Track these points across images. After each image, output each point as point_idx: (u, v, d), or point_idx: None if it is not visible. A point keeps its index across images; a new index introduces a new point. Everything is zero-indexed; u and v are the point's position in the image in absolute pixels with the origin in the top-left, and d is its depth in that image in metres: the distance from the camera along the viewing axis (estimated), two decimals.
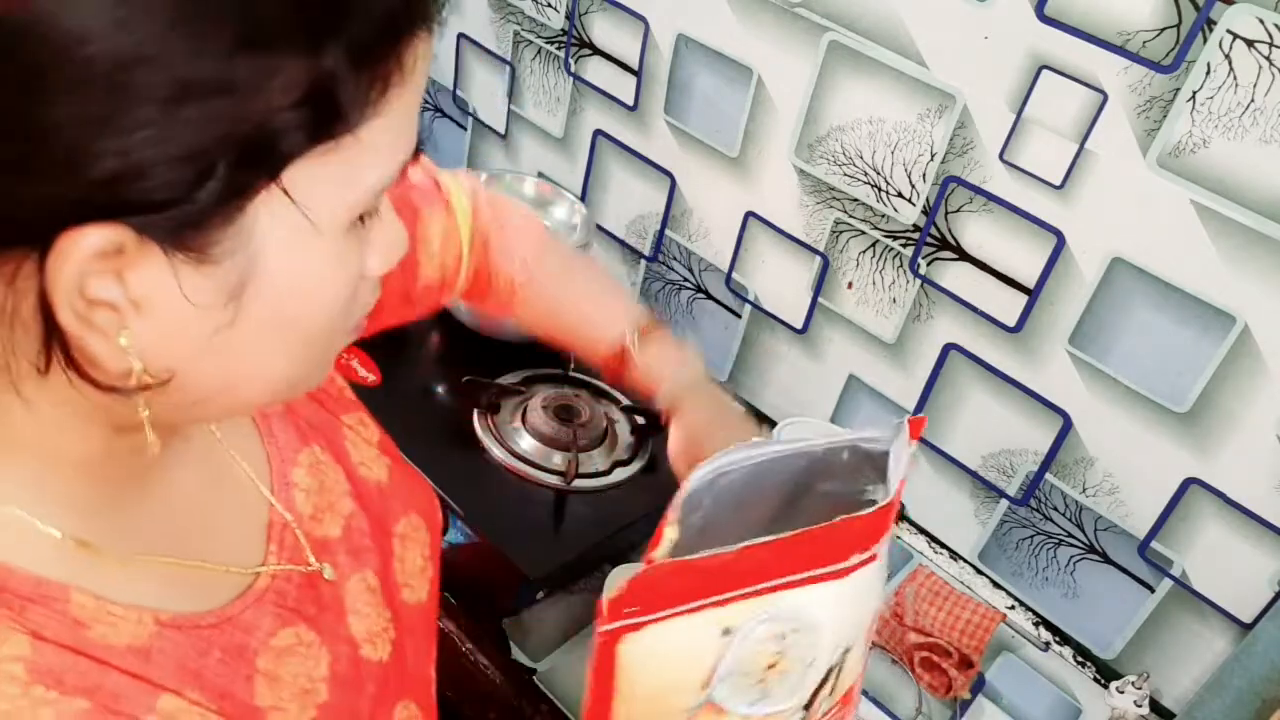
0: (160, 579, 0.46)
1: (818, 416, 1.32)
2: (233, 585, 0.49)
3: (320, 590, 0.53)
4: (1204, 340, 0.98)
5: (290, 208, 0.37)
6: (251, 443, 0.56)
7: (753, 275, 1.34)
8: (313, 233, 0.38)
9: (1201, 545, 1.05)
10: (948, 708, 1.06)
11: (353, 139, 0.37)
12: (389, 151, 0.40)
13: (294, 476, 0.56)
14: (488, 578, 0.99)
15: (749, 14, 1.20)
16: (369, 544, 0.58)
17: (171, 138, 0.33)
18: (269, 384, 0.43)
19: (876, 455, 0.51)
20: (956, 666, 1.07)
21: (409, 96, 0.39)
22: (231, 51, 0.33)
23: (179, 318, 0.37)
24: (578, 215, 1.31)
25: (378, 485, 0.62)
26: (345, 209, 0.39)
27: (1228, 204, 0.93)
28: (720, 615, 0.44)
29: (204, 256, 0.36)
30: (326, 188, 0.38)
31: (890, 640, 1.09)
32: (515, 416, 1.14)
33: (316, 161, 0.37)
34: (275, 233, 0.37)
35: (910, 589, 1.17)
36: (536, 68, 1.49)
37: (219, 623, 0.46)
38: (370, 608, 0.56)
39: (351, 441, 0.62)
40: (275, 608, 0.50)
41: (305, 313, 0.41)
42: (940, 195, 1.11)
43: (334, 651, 0.52)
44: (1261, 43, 0.87)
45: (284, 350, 0.42)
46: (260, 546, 0.52)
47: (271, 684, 0.47)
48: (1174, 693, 1.12)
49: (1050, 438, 1.12)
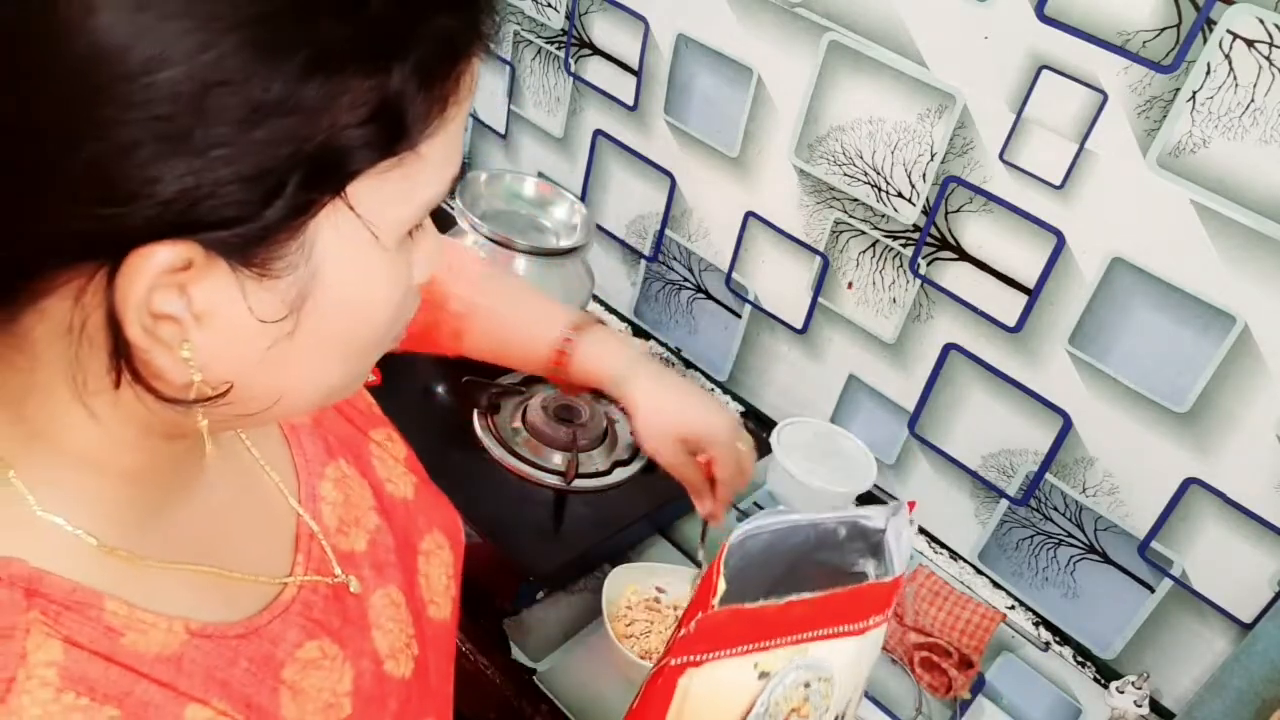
0: (192, 587, 0.46)
1: (818, 416, 1.32)
2: (261, 595, 0.49)
3: (345, 604, 0.54)
4: (1204, 340, 0.98)
5: (353, 222, 0.38)
6: (280, 454, 0.56)
7: (753, 275, 1.34)
8: (374, 246, 0.40)
9: (1201, 545, 1.05)
10: (948, 708, 1.06)
11: (414, 155, 0.39)
12: (444, 167, 0.41)
13: (321, 489, 0.57)
14: (488, 578, 0.99)
15: (749, 14, 1.20)
16: (393, 560, 0.59)
17: (243, 158, 0.34)
18: (317, 392, 0.44)
19: (870, 531, 0.56)
20: (956, 666, 1.07)
21: (462, 114, 0.41)
22: (303, 73, 0.34)
23: (240, 330, 0.38)
24: (578, 215, 1.31)
25: (404, 502, 0.63)
26: (402, 223, 0.41)
27: (1228, 204, 0.93)
28: (760, 659, 0.50)
29: (267, 271, 0.37)
30: (388, 203, 0.39)
31: (890, 640, 1.09)
32: (515, 416, 1.14)
33: (379, 178, 0.38)
34: (336, 247, 0.38)
35: (910, 589, 1.17)
36: (536, 68, 1.49)
37: (247, 633, 0.47)
38: (394, 623, 0.56)
39: (378, 458, 0.63)
40: (302, 619, 0.50)
41: (360, 324, 0.42)
42: (940, 195, 1.11)
43: (357, 666, 0.52)
44: (1261, 43, 0.87)
45: (336, 360, 0.43)
46: (288, 557, 0.53)
47: (296, 696, 0.47)
48: (1174, 693, 1.12)
49: (1050, 438, 1.12)
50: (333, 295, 0.40)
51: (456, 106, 0.40)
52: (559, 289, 1.23)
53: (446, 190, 0.42)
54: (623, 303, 1.52)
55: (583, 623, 1.02)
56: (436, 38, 0.37)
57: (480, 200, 1.29)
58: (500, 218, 1.29)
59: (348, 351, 0.43)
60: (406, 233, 0.42)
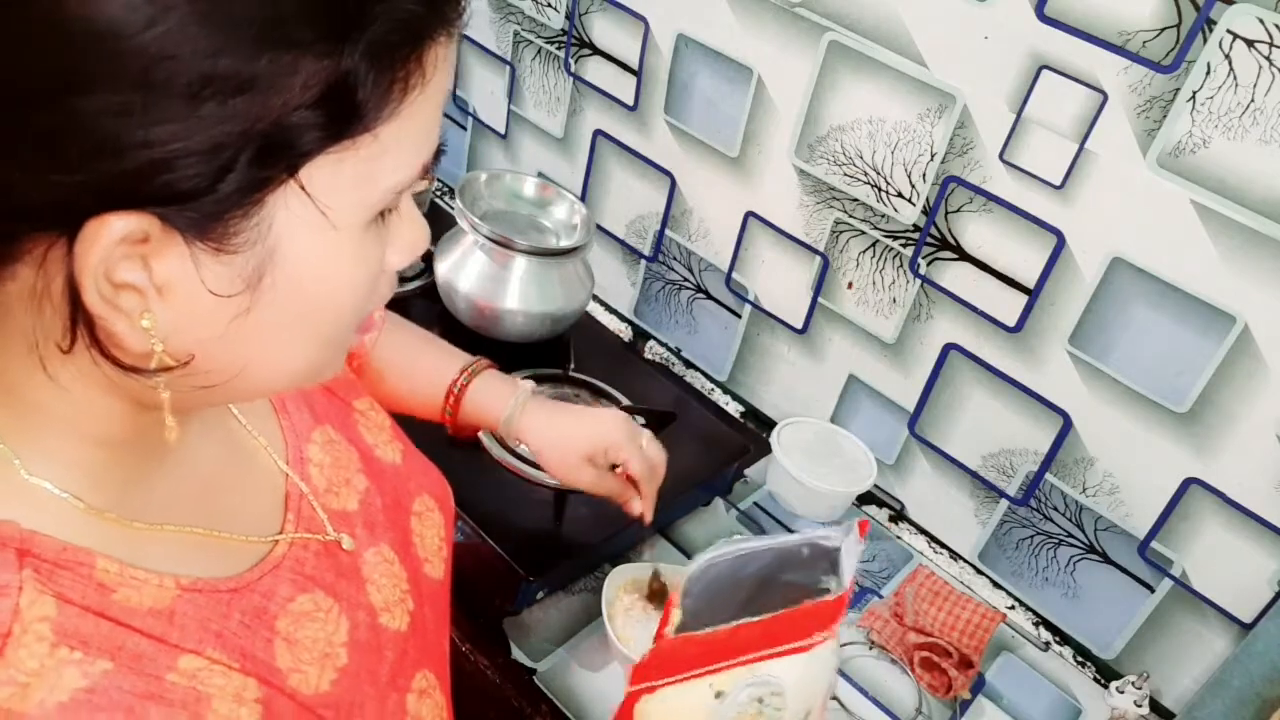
0: (182, 547, 0.47)
1: (818, 416, 1.33)
2: (252, 553, 0.51)
3: (339, 559, 0.55)
4: (1204, 340, 0.98)
5: (308, 204, 0.39)
6: (267, 420, 0.58)
7: (753, 275, 1.34)
8: (330, 229, 0.40)
9: (1201, 545, 1.05)
10: (948, 708, 1.06)
11: (371, 139, 0.39)
12: (409, 153, 0.41)
13: (308, 452, 0.58)
14: (488, 578, 0.99)
15: (749, 14, 1.20)
16: (384, 519, 0.60)
17: (193, 132, 0.34)
18: (287, 372, 0.45)
19: (831, 550, 0.60)
20: (956, 666, 1.07)
21: (429, 100, 0.40)
22: (253, 49, 0.34)
23: (199, 304, 0.39)
24: (578, 215, 1.31)
25: (392, 466, 0.64)
26: (364, 207, 0.41)
27: (1228, 204, 0.93)
28: (714, 680, 0.54)
29: (224, 246, 0.37)
30: (344, 186, 0.39)
31: (890, 640, 1.09)
32: None
33: (335, 160, 0.38)
34: (293, 227, 0.39)
35: (910, 589, 1.17)
36: (536, 68, 1.49)
37: (239, 587, 0.48)
38: (387, 579, 0.58)
39: (364, 426, 0.64)
40: (293, 574, 0.51)
41: (324, 305, 0.42)
42: (940, 195, 1.11)
43: (353, 618, 0.53)
44: (1261, 43, 0.87)
45: (302, 340, 0.43)
46: (278, 516, 0.54)
47: (291, 646, 0.49)
48: (1174, 693, 1.12)
49: (1050, 438, 1.12)
50: (293, 274, 0.40)
51: (421, 91, 0.39)
52: (559, 289, 1.23)
53: (416, 176, 0.42)
54: (623, 303, 1.52)
55: (583, 623, 1.02)
56: (392, 19, 0.37)
57: (480, 200, 1.29)
58: (500, 218, 1.29)
59: (315, 332, 0.43)
60: (374, 217, 0.42)
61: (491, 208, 1.31)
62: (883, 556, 1.23)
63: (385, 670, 0.54)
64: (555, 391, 1.17)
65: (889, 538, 1.26)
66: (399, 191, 0.42)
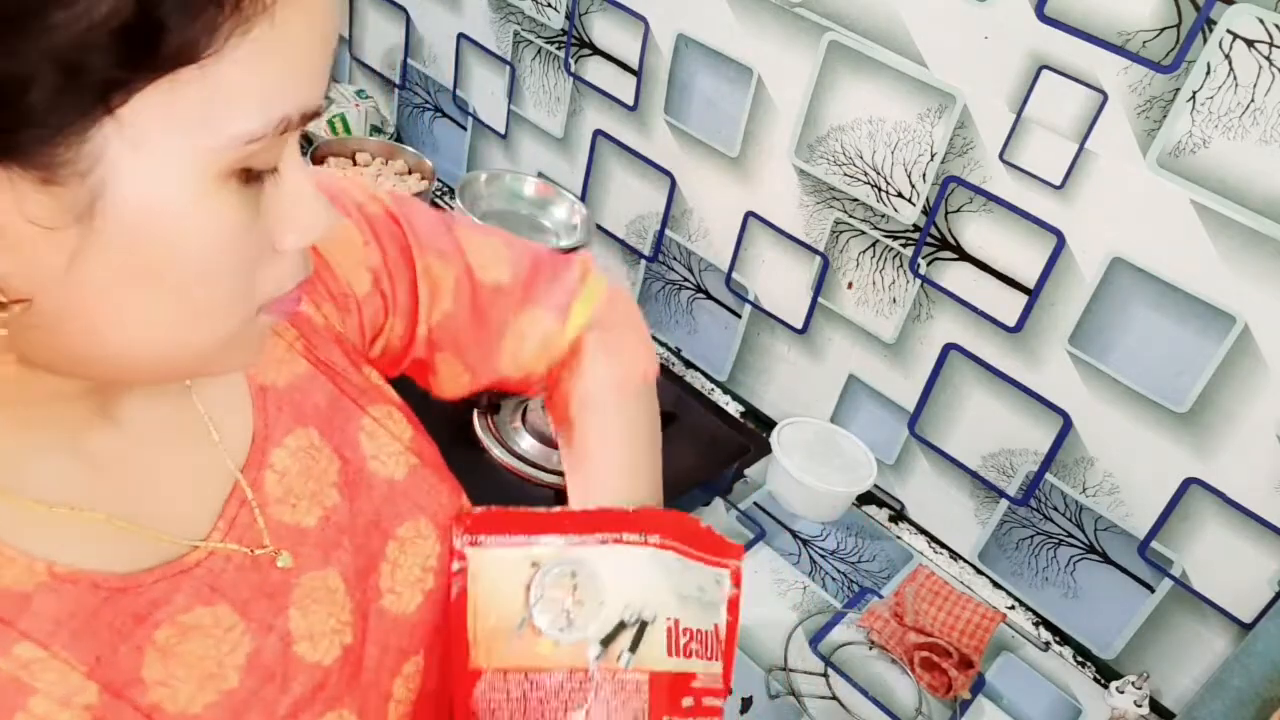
0: (75, 533, 0.45)
1: (818, 416, 1.33)
2: (159, 553, 0.48)
3: (266, 576, 0.51)
4: (1204, 340, 0.98)
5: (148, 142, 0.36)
6: (240, 416, 0.54)
7: (753, 275, 1.34)
8: (160, 170, 0.37)
9: (1201, 545, 1.05)
10: (948, 708, 1.06)
11: (200, 74, 0.36)
12: (255, 99, 0.38)
13: (272, 457, 0.54)
14: None
15: (749, 14, 1.20)
16: (346, 542, 0.56)
17: None
18: (154, 342, 0.42)
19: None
20: (956, 666, 1.08)
21: (282, 41, 0.37)
22: None
23: (28, 238, 0.36)
24: (578, 215, 1.31)
25: (388, 481, 0.60)
26: (204, 154, 0.38)
27: (1228, 204, 0.93)
28: (531, 553, 0.60)
29: (48, 176, 0.35)
30: (175, 126, 0.36)
31: (890, 640, 1.09)
32: (515, 416, 1.14)
33: (161, 95, 0.35)
34: (123, 164, 0.36)
35: (910, 589, 1.17)
36: (536, 68, 1.49)
37: (125, 587, 0.45)
38: (321, 606, 0.53)
39: (370, 433, 0.60)
40: (199, 584, 0.48)
41: (171, 261, 0.39)
42: (940, 195, 1.11)
43: (259, 641, 0.50)
44: (1261, 43, 0.87)
45: (158, 302, 0.40)
46: (209, 521, 0.51)
47: (165, 659, 0.46)
48: (1174, 693, 1.12)
49: (1050, 438, 1.12)
50: (127, 216, 0.37)
51: (266, 28, 0.36)
52: None
53: (271, 128, 0.39)
54: None
55: None
56: None
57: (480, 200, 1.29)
58: (500, 218, 1.29)
59: (173, 297, 0.40)
60: (230, 172, 0.39)
61: (492, 208, 1.31)
62: (883, 556, 1.23)
63: (286, 702, 0.50)
64: None
65: (889, 538, 1.26)
66: (248, 142, 0.38)
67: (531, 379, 0.73)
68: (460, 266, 0.69)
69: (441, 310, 0.68)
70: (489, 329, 0.70)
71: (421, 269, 0.67)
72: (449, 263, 0.68)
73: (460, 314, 0.69)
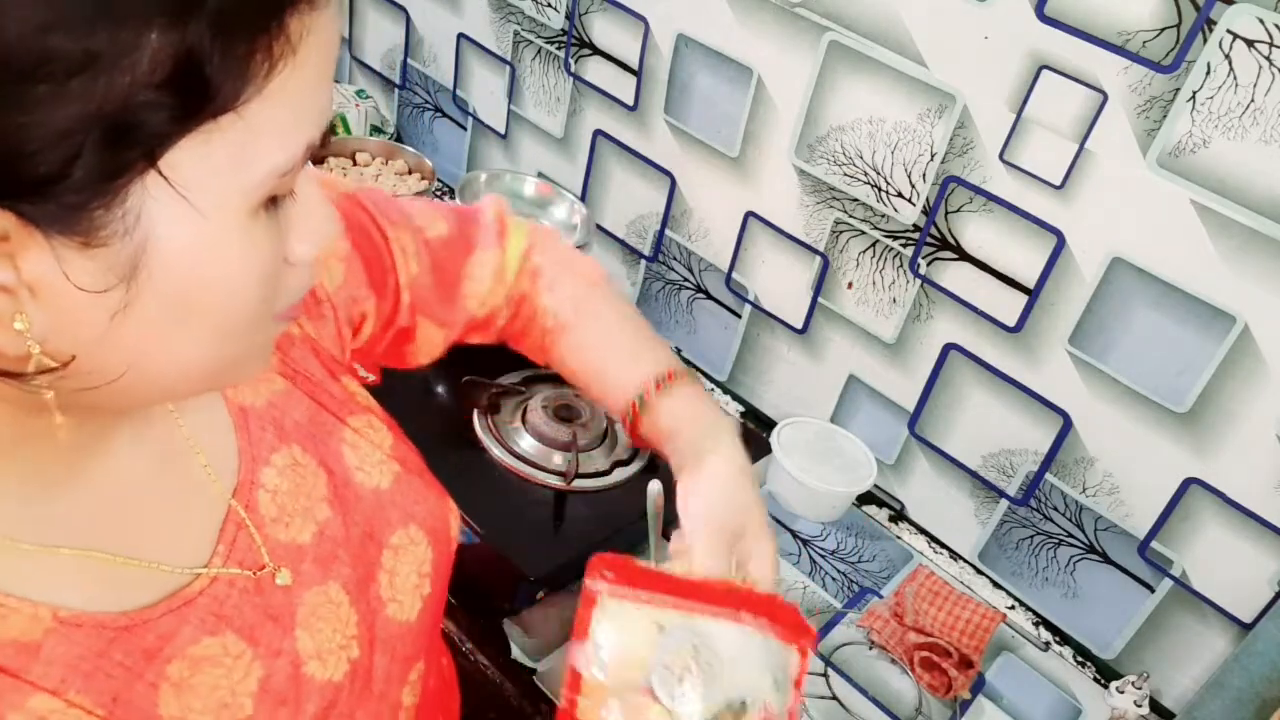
0: (77, 574, 0.44)
1: (818, 416, 1.33)
2: (161, 586, 0.47)
3: (269, 598, 0.51)
4: (1204, 340, 0.98)
5: (174, 191, 0.36)
6: (222, 438, 0.54)
7: (753, 275, 1.34)
8: (202, 218, 0.37)
9: (1201, 545, 1.05)
10: (948, 708, 1.06)
11: (237, 119, 0.36)
12: (287, 133, 0.38)
13: (262, 477, 0.54)
14: (488, 578, 0.99)
15: (749, 14, 1.20)
16: (343, 555, 0.56)
17: (35, 117, 0.32)
18: (187, 371, 0.42)
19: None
20: (956, 666, 1.07)
21: (304, 74, 0.38)
22: (88, 25, 0.32)
23: (73, 301, 0.36)
24: (578, 215, 1.31)
25: (374, 491, 0.60)
26: (241, 193, 0.38)
27: (1228, 204, 0.93)
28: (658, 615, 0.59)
29: (89, 240, 0.35)
30: (215, 171, 0.37)
31: (890, 640, 1.09)
32: (515, 416, 1.14)
33: (200, 143, 0.36)
34: (164, 216, 0.36)
35: (910, 589, 1.17)
36: (536, 68, 1.49)
37: (132, 625, 0.45)
38: (326, 623, 0.53)
39: (351, 444, 0.60)
40: (205, 613, 0.48)
41: (213, 299, 0.40)
42: (940, 195, 1.11)
43: (269, 666, 0.50)
44: (1261, 43, 0.87)
45: (194, 336, 0.40)
46: (209, 545, 0.50)
47: (180, 693, 0.45)
48: (1174, 693, 1.12)
49: (1050, 438, 1.12)
50: (170, 266, 0.37)
51: (290, 65, 0.37)
52: None
53: (299, 158, 0.39)
54: None
55: None
56: None
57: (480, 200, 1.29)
58: None
59: (207, 330, 0.40)
60: (260, 204, 0.39)
61: None
62: (883, 556, 1.23)
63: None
64: (556, 392, 1.17)
65: (889, 538, 1.26)
66: (282, 175, 0.39)
67: (496, 312, 0.78)
68: (413, 229, 0.72)
69: (409, 274, 0.71)
70: (449, 280, 0.74)
71: (393, 239, 0.69)
72: (403, 229, 0.71)
73: (423, 274, 0.72)
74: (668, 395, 0.72)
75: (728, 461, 0.68)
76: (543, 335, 0.78)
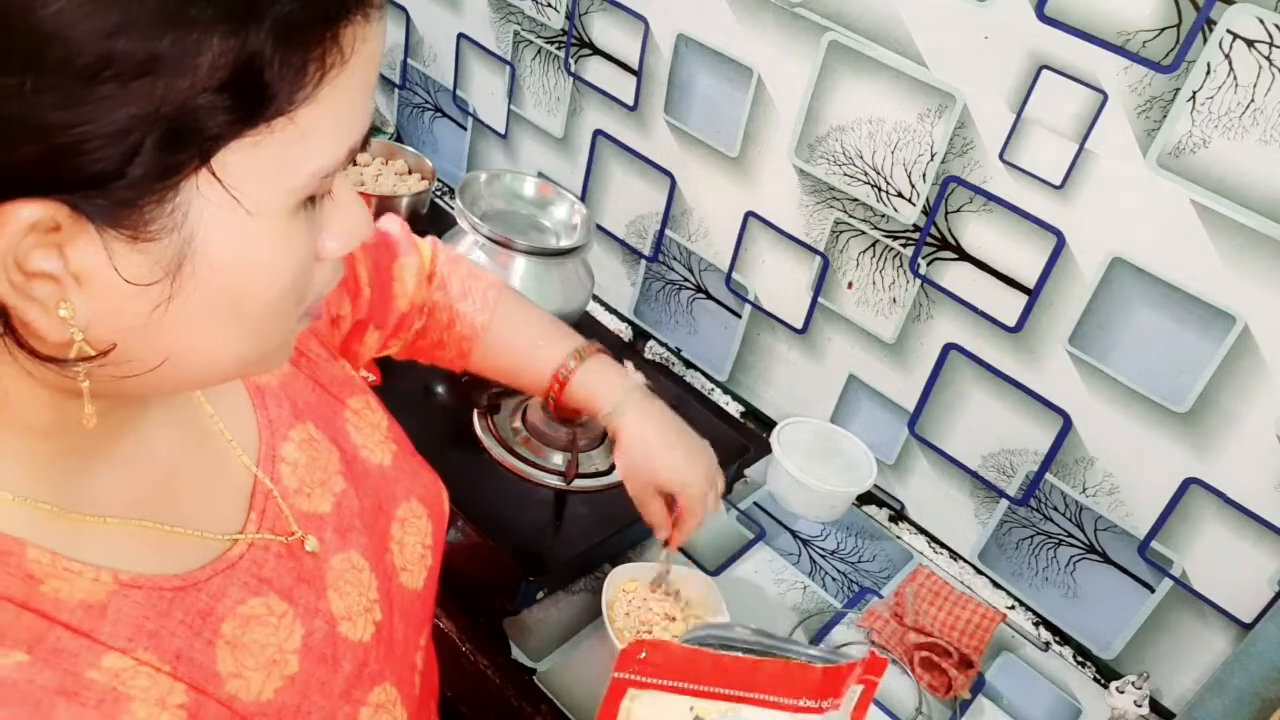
0: (128, 541, 0.46)
1: (818, 416, 1.33)
2: (207, 551, 0.50)
3: (301, 563, 0.54)
4: (1204, 340, 0.98)
5: (224, 190, 0.37)
6: (244, 415, 0.56)
7: (753, 275, 1.34)
8: (249, 216, 0.38)
9: (1201, 545, 1.05)
10: (948, 708, 1.06)
11: (288, 123, 0.37)
12: (332, 137, 0.40)
13: (283, 451, 0.57)
14: (488, 578, 0.99)
15: (749, 14, 1.20)
16: (359, 524, 0.59)
17: (97, 115, 0.33)
18: (218, 361, 0.43)
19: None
20: (956, 666, 1.08)
21: (352, 81, 0.39)
22: (154, 29, 0.33)
23: (117, 292, 0.37)
24: (578, 215, 1.31)
25: (379, 468, 0.63)
26: (286, 193, 0.39)
27: (1228, 204, 0.93)
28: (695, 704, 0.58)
29: (138, 234, 0.36)
30: (263, 172, 0.38)
31: (890, 640, 1.09)
32: (515, 416, 1.14)
33: (251, 144, 0.37)
34: (211, 214, 0.38)
35: (910, 589, 1.17)
36: (536, 68, 1.49)
37: (185, 586, 0.47)
38: (352, 586, 0.56)
39: (354, 425, 0.63)
40: (248, 575, 0.50)
41: (250, 294, 0.41)
42: (940, 195, 1.11)
43: (309, 625, 0.52)
44: (1261, 43, 0.87)
45: (230, 329, 0.42)
46: (241, 514, 0.53)
47: (235, 651, 0.48)
48: (1174, 693, 1.12)
49: (1050, 438, 1.12)
50: (214, 262, 0.39)
51: (340, 72, 0.38)
52: (559, 289, 1.23)
53: (342, 160, 0.41)
54: (622, 303, 1.52)
55: (583, 623, 1.02)
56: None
57: (480, 200, 1.29)
58: (500, 218, 1.29)
59: (243, 323, 0.42)
60: (301, 203, 0.40)
61: (491, 208, 1.30)
62: (883, 556, 1.23)
63: (339, 681, 0.53)
64: None
65: (889, 538, 1.26)
66: (324, 176, 0.40)
67: (414, 307, 0.83)
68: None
69: (367, 273, 0.75)
70: (384, 281, 0.79)
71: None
72: None
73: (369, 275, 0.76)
74: (583, 367, 0.86)
75: (631, 427, 0.86)
76: (460, 341, 0.86)
